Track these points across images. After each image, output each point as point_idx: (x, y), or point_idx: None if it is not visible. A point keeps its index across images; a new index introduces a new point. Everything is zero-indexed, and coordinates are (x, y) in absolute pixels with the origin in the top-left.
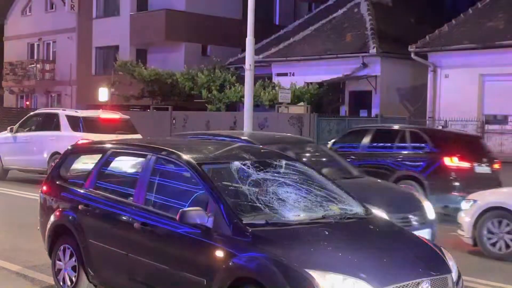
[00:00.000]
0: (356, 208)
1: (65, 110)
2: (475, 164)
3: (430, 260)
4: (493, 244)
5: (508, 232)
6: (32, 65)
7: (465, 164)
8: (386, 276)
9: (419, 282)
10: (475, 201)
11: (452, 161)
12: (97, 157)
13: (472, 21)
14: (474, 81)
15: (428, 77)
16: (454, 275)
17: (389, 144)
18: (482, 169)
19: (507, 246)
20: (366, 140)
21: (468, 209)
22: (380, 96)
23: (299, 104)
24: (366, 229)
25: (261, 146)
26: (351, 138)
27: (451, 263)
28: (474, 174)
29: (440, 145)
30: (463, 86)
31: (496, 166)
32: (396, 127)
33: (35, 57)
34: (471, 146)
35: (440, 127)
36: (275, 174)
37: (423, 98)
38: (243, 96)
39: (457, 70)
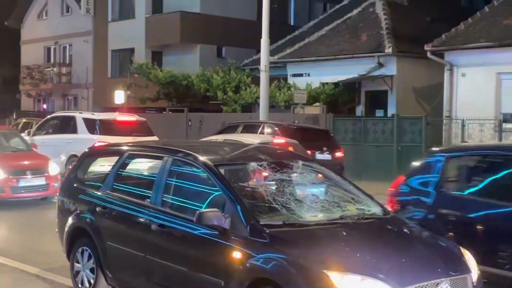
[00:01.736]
0: (374, 208)
1: (82, 113)
2: (316, 152)
3: (449, 260)
4: None
5: None
6: (49, 69)
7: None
8: (404, 277)
9: (438, 282)
10: None
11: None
12: (114, 159)
13: (489, 19)
14: (491, 79)
15: (445, 76)
16: (474, 275)
17: None
18: (323, 156)
19: None
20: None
21: None
22: (396, 95)
23: (314, 104)
24: (384, 229)
25: None
26: (227, 132)
27: (471, 263)
28: (315, 160)
29: (286, 136)
30: (480, 85)
31: (338, 154)
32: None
33: (52, 61)
34: (316, 138)
35: (295, 122)
36: (292, 175)
37: (439, 97)
38: (258, 97)
39: (474, 68)
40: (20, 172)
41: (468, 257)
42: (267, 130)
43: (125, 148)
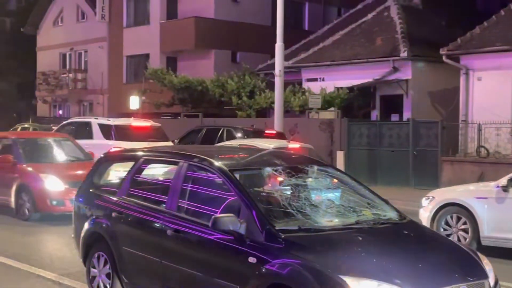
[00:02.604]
0: (390, 213)
1: (97, 118)
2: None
3: (466, 265)
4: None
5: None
6: (65, 75)
7: None
8: (421, 282)
9: (456, 287)
10: (433, 197)
11: None
12: (129, 164)
13: (505, 22)
14: (508, 83)
15: (461, 80)
16: (491, 280)
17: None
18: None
19: (458, 240)
20: (199, 137)
21: (427, 206)
22: (411, 100)
23: (329, 109)
24: (400, 234)
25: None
26: (191, 136)
27: (488, 268)
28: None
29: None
30: (496, 89)
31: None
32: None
33: (67, 67)
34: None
35: (253, 126)
36: (307, 180)
37: (455, 102)
38: (273, 102)
39: (489, 72)
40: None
41: (486, 262)
42: (226, 134)
43: (140, 153)
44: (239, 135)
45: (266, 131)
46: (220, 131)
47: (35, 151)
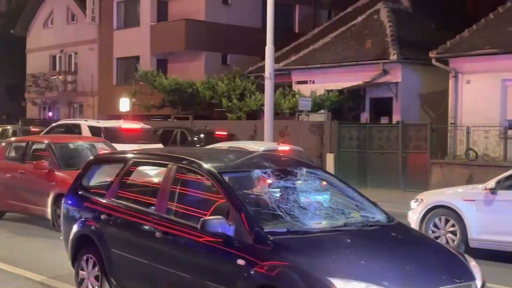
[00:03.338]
0: (378, 216)
1: (87, 120)
2: None
3: (454, 267)
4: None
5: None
6: (54, 77)
7: None
8: (408, 284)
9: None
10: (421, 200)
11: None
12: (118, 167)
13: (493, 26)
14: (496, 86)
15: (450, 83)
16: (479, 282)
17: None
18: None
19: (447, 243)
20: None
21: (416, 208)
22: (401, 102)
23: (319, 111)
24: (389, 236)
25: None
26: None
27: (475, 270)
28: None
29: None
30: (485, 92)
31: None
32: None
33: (57, 69)
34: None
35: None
36: (296, 182)
37: (444, 104)
38: (263, 104)
39: (478, 75)
40: None
41: (473, 264)
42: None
43: (129, 155)
44: (191, 137)
45: (217, 132)
46: (174, 132)
47: (71, 156)
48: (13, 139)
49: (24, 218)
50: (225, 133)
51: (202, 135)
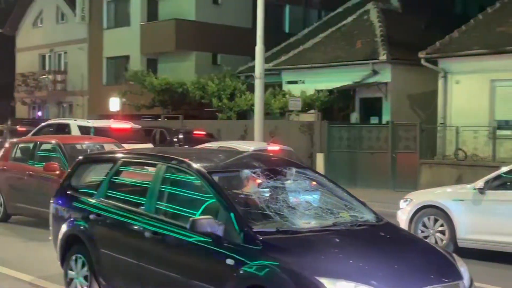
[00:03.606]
0: (367, 215)
1: (76, 120)
2: None
3: (442, 266)
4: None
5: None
6: (44, 76)
7: None
8: (397, 283)
9: None
10: (411, 200)
11: None
12: (107, 166)
13: (482, 26)
14: (485, 86)
15: (439, 83)
16: (466, 281)
17: None
18: None
19: (435, 242)
20: None
21: (405, 208)
22: (390, 102)
23: (309, 111)
24: (377, 236)
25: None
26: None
27: (463, 270)
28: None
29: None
30: (474, 92)
31: None
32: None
33: (47, 68)
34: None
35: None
36: (286, 182)
37: (434, 105)
38: (253, 104)
39: (468, 76)
40: None
41: (461, 263)
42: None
43: (119, 155)
44: (170, 137)
45: (195, 132)
46: (154, 132)
47: None
48: (16, 139)
49: (12, 218)
50: (204, 132)
51: (181, 135)
